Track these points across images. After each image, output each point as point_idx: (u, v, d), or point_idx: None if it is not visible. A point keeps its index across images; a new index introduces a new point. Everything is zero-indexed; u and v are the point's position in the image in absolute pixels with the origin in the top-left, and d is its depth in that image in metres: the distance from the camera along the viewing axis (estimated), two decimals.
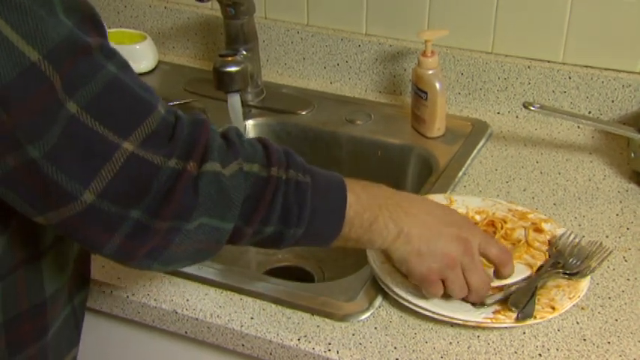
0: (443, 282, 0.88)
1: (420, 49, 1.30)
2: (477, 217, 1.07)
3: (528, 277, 0.95)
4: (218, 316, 0.95)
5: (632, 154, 1.18)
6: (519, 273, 0.95)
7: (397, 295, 0.94)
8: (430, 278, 0.88)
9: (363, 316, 0.94)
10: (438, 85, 1.28)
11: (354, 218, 0.85)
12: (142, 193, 0.71)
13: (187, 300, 0.98)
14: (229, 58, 1.22)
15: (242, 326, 0.94)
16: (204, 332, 0.97)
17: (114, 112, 0.69)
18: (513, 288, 0.94)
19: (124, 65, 0.72)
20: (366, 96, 1.47)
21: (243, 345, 0.95)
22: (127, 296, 0.99)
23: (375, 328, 0.93)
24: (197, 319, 0.96)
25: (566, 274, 0.96)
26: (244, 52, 1.35)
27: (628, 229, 1.09)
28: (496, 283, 0.92)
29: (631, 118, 1.29)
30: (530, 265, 0.98)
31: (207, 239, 0.77)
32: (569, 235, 1.02)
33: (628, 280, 0.99)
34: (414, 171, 1.30)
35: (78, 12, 0.69)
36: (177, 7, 1.59)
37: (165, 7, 1.60)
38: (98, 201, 0.69)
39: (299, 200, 0.81)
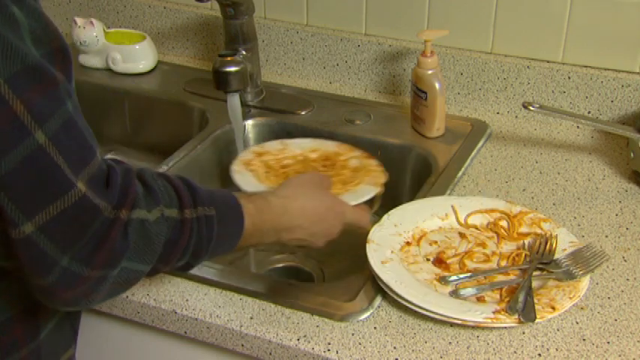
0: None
1: (420, 49, 1.30)
2: (313, 155, 1.15)
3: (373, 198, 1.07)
4: (217, 316, 0.95)
5: (632, 154, 1.19)
6: (365, 194, 1.10)
7: (397, 294, 0.94)
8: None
9: (363, 316, 0.94)
10: (437, 85, 1.28)
11: (248, 236, 0.90)
12: (78, 236, 0.71)
13: (187, 300, 0.98)
14: (229, 58, 1.22)
15: (241, 326, 0.94)
16: (203, 332, 0.97)
17: (71, 149, 0.70)
18: (487, 283, 0.96)
19: (77, 106, 0.73)
20: (365, 96, 1.47)
21: (242, 345, 0.95)
22: (127, 296, 0.99)
23: (375, 328, 0.93)
24: (196, 319, 0.96)
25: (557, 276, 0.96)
26: (244, 52, 1.36)
27: (627, 229, 1.09)
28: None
29: (630, 118, 1.29)
30: (374, 185, 1.09)
31: (126, 280, 0.78)
32: (547, 240, 1.03)
33: (627, 280, 0.99)
34: (413, 171, 1.30)
35: (47, 44, 0.70)
36: (176, 7, 1.59)
37: (164, 7, 1.60)
38: (36, 234, 0.69)
39: (208, 234, 0.84)
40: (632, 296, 0.96)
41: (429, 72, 1.28)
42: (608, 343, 0.90)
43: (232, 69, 1.21)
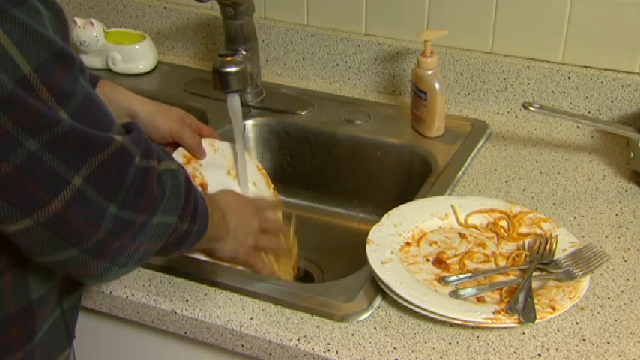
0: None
1: (420, 49, 1.31)
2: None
3: None
4: (217, 316, 0.96)
5: (632, 154, 1.19)
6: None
7: (397, 295, 0.94)
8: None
9: (363, 316, 0.94)
10: (437, 86, 1.28)
11: (212, 217, 0.96)
12: (120, 184, 0.77)
13: (187, 300, 0.98)
14: (229, 59, 1.22)
15: (241, 326, 0.94)
16: (203, 332, 0.97)
17: (96, 116, 0.77)
18: (487, 283, 0.96)
19: (87, 79, 0.79)
20: (365, 96, 1.47)
21: (242, 345, 0.95)
22: (127, 296, 1.00)
23: (375, 328, 0.93)
24: (196, 319, 0.96)
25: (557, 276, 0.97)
26: (244, 53, 1.36)
27: (627, 229, 1.09)
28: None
29: (630, 118, 1.30)
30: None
31: (158, 237, 0.83)
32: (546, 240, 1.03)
33: (627, 280, 0.99)
34: (413, 171, 1.30)
35: (60, 30, 0.75)
36: (176, 7, 1.59)
37: (164, 8, 1.60)
38: (84, 186, 0.74)
39: (196, 197, 0.91)
40: (632, 296, 0.96)
41: (429, 72, 1.28)
42: (608, 343, 0.90)
43: (232, 69, 1.21)
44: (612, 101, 1.31)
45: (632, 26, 1.27)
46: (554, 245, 1.02)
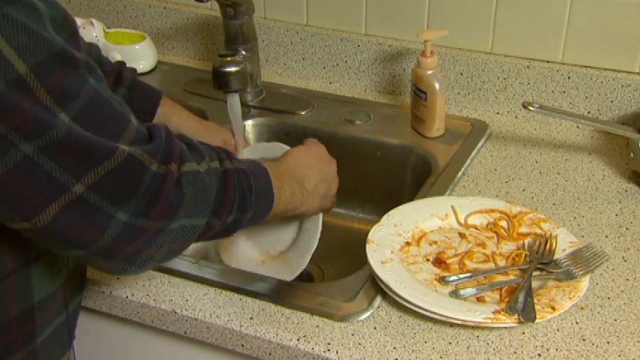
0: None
1: (420, 49, 1.31)
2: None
3: None
4: (217, 316, 0.96)
5: (632, 154, 1.18)
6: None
7: (397, 295, 0.94)
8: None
9: (363, 316, 0.94)
10: (437, 86, 1.28)
11: (278, 190, 0.95)
12: (131, 192, 0.75)
13: (187, 300, 0.98)
14: (229, 59, 1.22)
15: (241, 326, 0.94)
16: (203, 332, 0.97)
17: (102, 121, 0.74)
18: (486, 283, 0.96)
19: (101, 78, 0.76)
20: (365, 96, 1.47)
21: (242, 345, 0.95)
22: (127, 296, 1.00)
23: (375, 328, 0.93)
24: (196, 319, 0.96)
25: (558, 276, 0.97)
26: (243, 53, 1.36)
27: (627, 229, 1.09)
28: None
29: (630, 118, 1.30)
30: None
31: (183, 239, 0.81)
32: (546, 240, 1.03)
33: (627, 280, 0.99)
34: (413, 171, 1.30)
35: (65, 30, 0.73)
36: (176, 7, 1.59)
37: (164, 8, 1.60)
38: (87, 193, 0.72)
39: (248, 186, 0.88)
40: (632, 296, 0.96)
41: (429, 72, 1.28)
42: (608, 343, 0.90)
43: (232, 69, 1.21)
44: (612, 101, 1.31)
45: (632, 26, 1.27)
46: (554, 245, 1.02)
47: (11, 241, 0.78)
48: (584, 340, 0.90)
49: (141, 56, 1.54)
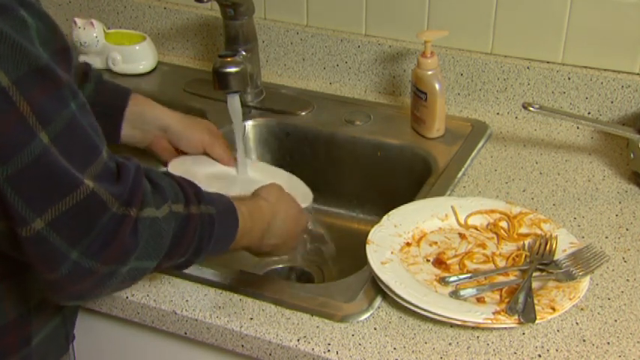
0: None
1: (420, 49, 1.31)
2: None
3: None
4: (217, 316, 0.96)
5: (632, 155, 1.18)
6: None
7: (397, 295, 0.94)
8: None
9: (363, 317, 0.94)
10: (437, 86, 1.28)
11: (240, 237, 0.94)
12: (87, 231, 0.73)
13: (187, 300, 0.98)
14: (229, 59, 1.22)
15: (241, 327, 0.94)
16: (203, 333, 0.97)
17: (74, 149, 0.72)
18: (487, 284, 0.96)
19: (83, 104, 0.74)
20: (365, 97, 1.47)
21: (242, 346, 0.95)
22: (127, 297, 1.00)
23: (375, 328, 0.93)
24: (196, 319, 0.96)
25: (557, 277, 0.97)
26: (244, 53, 1.36)
27: (627, 229, 1.09)
28: None
29: (630, 118, 1.29)
30: None
31: (133, 278, 0.80)
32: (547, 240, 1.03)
33: (627, 280, 0.99)
34: (413, 172, 1.30)
35: (52, 45, 0.72)
36: (176, 7, 1.59)
37: (164, 8, 1.60)
38: (46, 230, 0.70)
39: (209, 233, 0.87)
40: (632, 297, 0.96)
41: (429, 73, 1.28)
42: (608, 343, 0.90)
43: (232, 70, 1.21)
44: (612, 102, 1.31)
45: (632, 27, 1.27)
46: (554, 246, 1.02)
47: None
48: (584, 340, 0.90)
49: (141, 57, 1.54)
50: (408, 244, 1.04)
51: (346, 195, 1.40)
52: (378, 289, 0.98)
